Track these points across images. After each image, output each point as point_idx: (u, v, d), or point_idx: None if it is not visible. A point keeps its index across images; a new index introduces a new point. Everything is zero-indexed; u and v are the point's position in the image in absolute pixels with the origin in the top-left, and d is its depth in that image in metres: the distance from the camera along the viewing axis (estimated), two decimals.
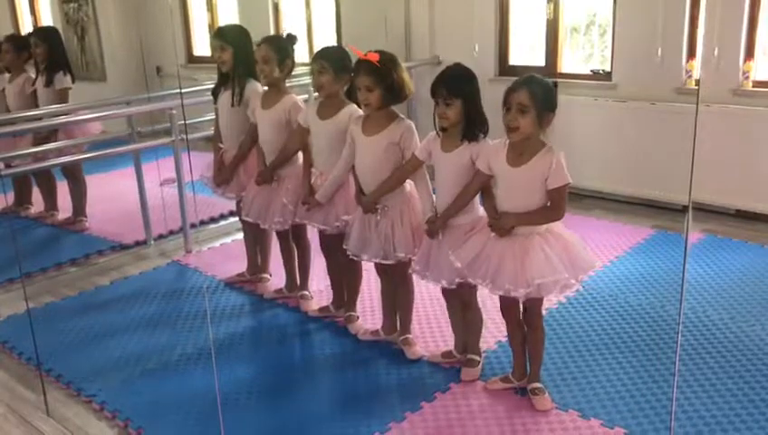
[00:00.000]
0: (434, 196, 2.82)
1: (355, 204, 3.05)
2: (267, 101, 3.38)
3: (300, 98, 3.43)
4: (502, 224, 2.53)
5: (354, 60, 2.90)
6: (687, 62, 4.64)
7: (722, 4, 4.37)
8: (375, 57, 2.79)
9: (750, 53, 4.44)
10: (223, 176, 3.63)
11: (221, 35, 3.55)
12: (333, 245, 3.26)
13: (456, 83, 2.60)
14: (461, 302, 2.88)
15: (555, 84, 2.52)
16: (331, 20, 6.56)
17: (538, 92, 2.42)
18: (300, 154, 3.35)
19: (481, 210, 2.71)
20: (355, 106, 3.07)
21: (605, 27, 5.21)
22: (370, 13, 6.07)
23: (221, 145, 3.68)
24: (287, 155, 3.35)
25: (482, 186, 2.63)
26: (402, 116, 2.92)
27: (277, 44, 3.31)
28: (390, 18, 5.93)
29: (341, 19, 6.42)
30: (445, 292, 2.90)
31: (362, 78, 2.81)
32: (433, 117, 2.68)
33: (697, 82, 4.62)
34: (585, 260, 2.57)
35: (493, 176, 2.59)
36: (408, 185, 2.94)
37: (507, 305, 2.70)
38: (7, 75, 5.03)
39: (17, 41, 5.04)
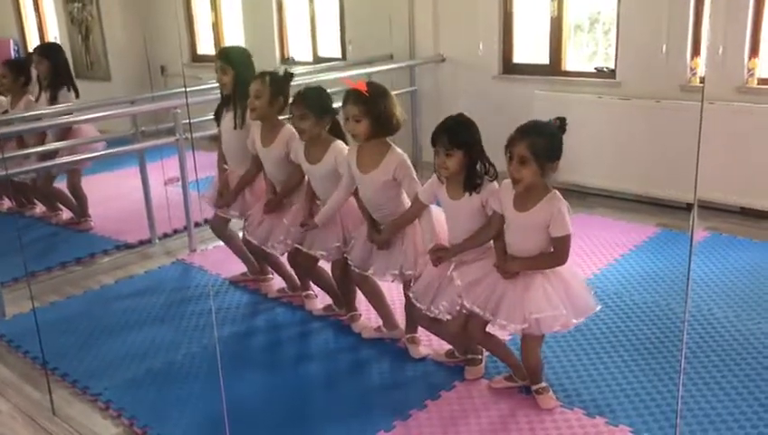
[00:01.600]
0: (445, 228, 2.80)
1: (353, 227, 3.10)
2: (265, 138, 3.37)
3: None
4: (507, 268, 2.55)
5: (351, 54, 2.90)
6: (692, 59, 4.63)
7: (726, 2, 4.35)
8: (363, 87, 2.79)
9: (755, 51, 4.42)
10: (225, 200, 3.62)
11: (223, 57, 3.56)
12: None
13: (457, 134, 2.57)
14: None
15: (563, 124, 2.47)
16: (334, 16, 6.55)
17: (538, 143, 2.40)
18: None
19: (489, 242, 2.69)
20: (341, 144, 3.10)
21: (609, 25, 5.20)
22: (375, 10, 6.07)
23: (226, 166, 3.68)
24: (291, 187, 3.37)
25: (500, 228, 2.60)
26: (394, 147, 2.90)
27: (271, 81, 3.29)
28: (394, 16, 5.93)
29: (345, 15, 6.41)
30: None
31: (350, 108, 2.82)
32: (433, 165, 2.67)
33: (702, 80, 4.61)
34: (587, 304, 2.59)
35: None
36: None
37: (472, 326, 2.68)
38: (3, 99, 5.00)
39: (14, 65, 5.05)
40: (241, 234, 3.74)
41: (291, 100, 3.18)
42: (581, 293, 2.59)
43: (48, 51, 4.94)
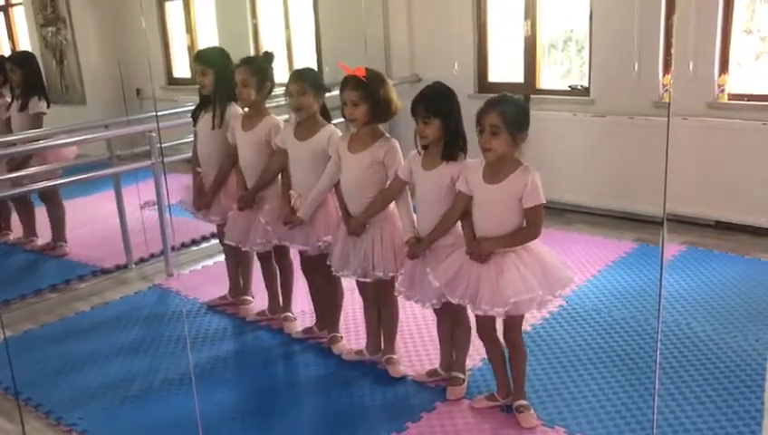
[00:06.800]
0: (414, 215, 2.81)
1: (336, 224, 3.06)
2: (247, 123, 3.37)
3: (280, 118, 3.43)
4: (480, 250, 2.54)
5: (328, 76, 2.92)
6: (664, 76, 4.70)
7: (696, 19, 4.43)
8: (362, 72, 2.82)
9: (724, 67, 4.50)
10: (203, 201, 3.60)
11: (201, 58, 3.55)
12: (314, 265, 3.26)
13: (434, 102, 2.61)
14: (451, 317, 2.86)
15: (528, 99, 2.54)
16: (310, 40, 6.58)
17: (509, 112, 2.44)
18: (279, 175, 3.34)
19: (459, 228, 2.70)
20: (333, 127, 3.10)
21: (582, 43, 5.27)
22: (350, 32, 6.09)
23: (199, 169, 3.66)
24: (267, 178, 3.33)
25: (464, 208, 2.62)
26: (388, 135, 2.93)
27: (255, 66, 3.31)
28: (370, 37, 5.95)
29: (321, 39, 6.44)
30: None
31: (349, 93, 2.82)
32: (414, 135, 2.68)
33: (670, 96, 4.67)
34: (562, 276, 2.59)
35: (472, 197, 2.59)
36: (391, 204, 2.94)
37: (482, 325, 2.69)
38: None
39: None
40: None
41: (288, 78, 3.16)
42: (556, 265, 2.59)
43: (21, 60, 4.91)
